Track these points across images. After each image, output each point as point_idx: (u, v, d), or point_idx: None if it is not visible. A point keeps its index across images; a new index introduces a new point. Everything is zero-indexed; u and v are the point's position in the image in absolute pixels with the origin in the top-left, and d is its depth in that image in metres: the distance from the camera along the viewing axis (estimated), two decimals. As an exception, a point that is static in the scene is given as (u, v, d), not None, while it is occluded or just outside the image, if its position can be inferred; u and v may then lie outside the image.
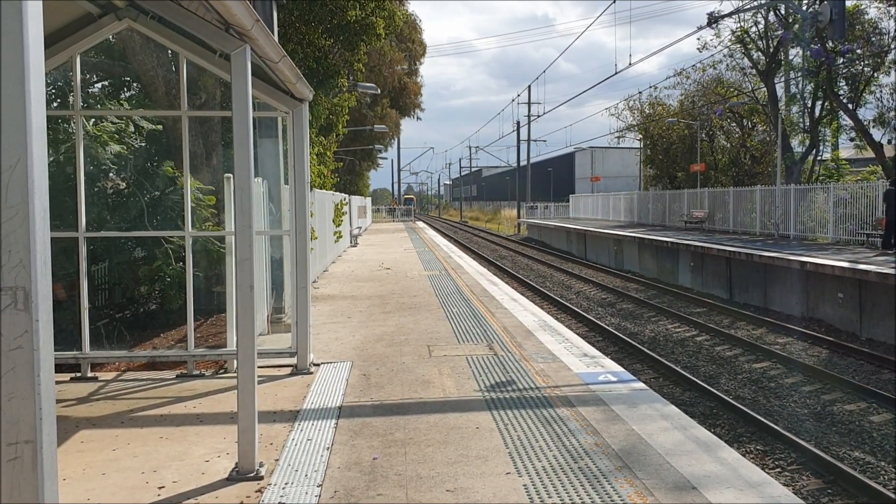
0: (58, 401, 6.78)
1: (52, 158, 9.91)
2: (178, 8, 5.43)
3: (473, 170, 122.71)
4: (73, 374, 7.91)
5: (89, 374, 7.92)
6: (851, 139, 30.08)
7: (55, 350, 2.91)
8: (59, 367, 7.81)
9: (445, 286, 15.55)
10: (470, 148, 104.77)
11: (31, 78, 2.65)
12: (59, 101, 11.20)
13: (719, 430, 9.57)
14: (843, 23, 16.51)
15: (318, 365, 8.31)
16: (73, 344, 7.96)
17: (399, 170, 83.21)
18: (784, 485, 7.61)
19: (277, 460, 5.34)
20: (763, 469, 6.63)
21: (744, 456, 7.07)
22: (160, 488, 4.84)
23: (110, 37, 10.62)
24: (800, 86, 29.21)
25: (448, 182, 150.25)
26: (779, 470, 8.27)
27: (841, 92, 27.00)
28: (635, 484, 4.79)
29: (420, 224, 57.92)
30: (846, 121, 28.60)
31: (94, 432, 6.05)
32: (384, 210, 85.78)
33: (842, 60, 25.97)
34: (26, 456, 2.69)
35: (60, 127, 10.60)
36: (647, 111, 44.87)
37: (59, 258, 9.73)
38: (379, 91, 28.53)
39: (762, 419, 9.63)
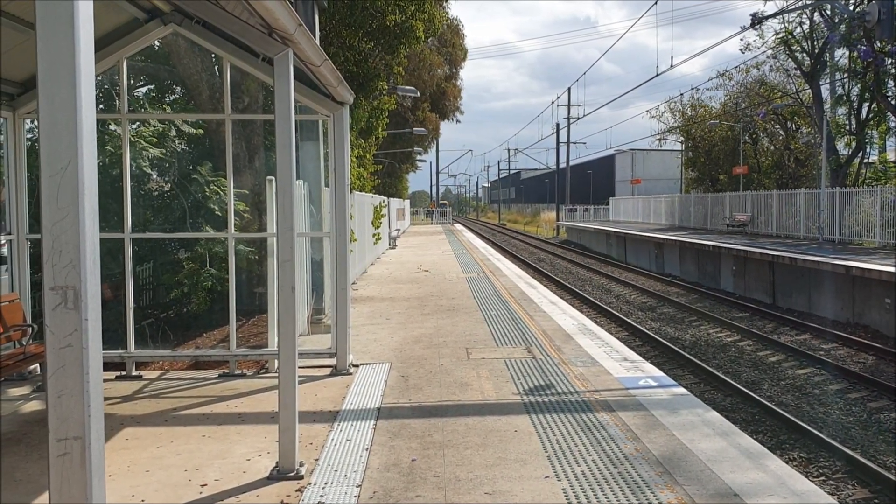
0: (104, 398, 6.91)
1: (98, 161, 10.12)
2: (223, 12, 5.51)
3: (512, 172, 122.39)
4: (118, 373, 8.07)
5: (134, 373, 8.08)
6: (901, 141, 29.40)
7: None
8: (105, 366, 7.88)
9: (484, 289, 15.53)
10: (509, 150, 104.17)
11: (82, 81, 2.69)
12: (104, 104, 11.42)
13: (762, 436, 9.40)
14: (892, 22, 16.14)
15: (357, 366, 8.36)
16: (119, 343, 8.11)
17: (437, 172, 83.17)
18: (829, 493, 7.47)
19: (317, 460, 5.38)
20: (807, 477, 6.50)
21: (787, 464, 6.94)
22: (202, 486, 4.92)
23: (156, 41, 10.82)
24: (846, 87, 28.60)
25: (486, 184, 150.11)
26: (823, 478, 8.10)
27: (889, 93, 26.36)
28: (676, 490, 4.73)
29: (458, 227, 57.98)
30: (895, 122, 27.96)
31: (139, 430, 6.16)
32: (422, 212, 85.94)
33: (890, 61, 25.34)
34: (75, 452, 2.74)
35: (107, 130, 10.81)
36: (689, 113, 44.33)
37: (105, 259, 9.93)
38: (418, 94, 28.59)
39: (806, 426, 9.45)
